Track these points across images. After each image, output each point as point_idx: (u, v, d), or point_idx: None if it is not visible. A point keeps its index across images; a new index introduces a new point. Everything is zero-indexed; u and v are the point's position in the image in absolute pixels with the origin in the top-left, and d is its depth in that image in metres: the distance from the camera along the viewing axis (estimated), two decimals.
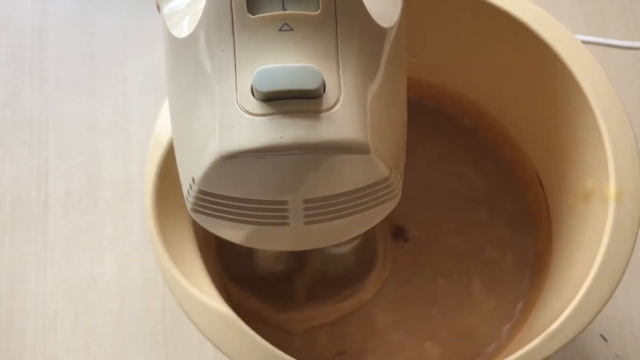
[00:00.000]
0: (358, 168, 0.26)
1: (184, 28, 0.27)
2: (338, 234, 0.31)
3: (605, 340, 0.44)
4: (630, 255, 0.33)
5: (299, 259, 0.43)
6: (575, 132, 0.37)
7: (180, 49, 0.27)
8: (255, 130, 0.24)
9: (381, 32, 0.27)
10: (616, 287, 0.33)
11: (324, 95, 0.25)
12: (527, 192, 0.44)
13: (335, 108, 0.25)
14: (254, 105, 0.25)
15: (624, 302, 0.45)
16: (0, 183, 0.48)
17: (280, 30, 0.25)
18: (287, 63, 0.25)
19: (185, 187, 0.28)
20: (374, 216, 0.29)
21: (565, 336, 0.32)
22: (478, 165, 0.46)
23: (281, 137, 0.24)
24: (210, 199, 0.27)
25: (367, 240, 0.44)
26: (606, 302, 0.33)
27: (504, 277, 0.43)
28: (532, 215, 0.44)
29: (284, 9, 0.25)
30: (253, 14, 0.25)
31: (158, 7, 0.29)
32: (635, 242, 0.33)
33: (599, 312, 0.33)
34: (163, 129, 0.35)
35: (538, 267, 0.43)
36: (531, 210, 0.44)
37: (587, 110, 0.35)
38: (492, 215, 0.45)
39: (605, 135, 0.34)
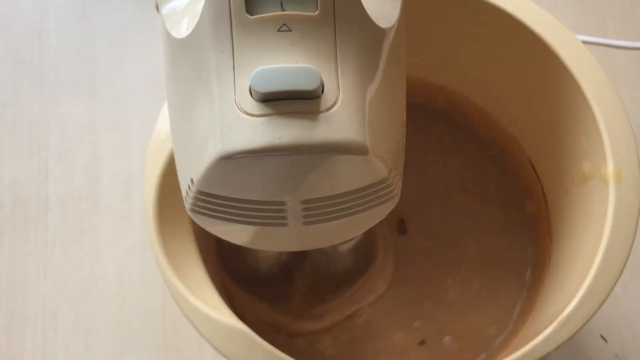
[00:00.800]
0: (356, 169, 0.26)
1: (182, 28, 0.27)
2: (337, 235, 0.31)
3: (605, 340, 0.44)
4: (634, 237, 0.33)
5: (299, 258, 0.43)
6: (568, 117, 0.37)
7: (179, 49, 0.27)
8: (254, 131, 0.24)
9: (380, 32, 0.27)
10: (620, 275, 0.33)
11: (323, 95, 0.25)
12: (524, 185, 0.44)
13: (334, 109, 0.25)
14: (252, 105, 0.25)
15: (624, 302, 0.45)
16: (0, 183, 0.48)
17: (278, 30, 0.25)
18: (286, 64, 0.25)
19: (184, 188, 0.28)
20: (373, 216, 0.29)
21: (573, 325, 0.32)
22: (475, 161, 0.46)
23: (279, 138, 0.24)
24: (208, 200, 0.27)
25: (367, 239, 0.44)
26: (613, 285, 0.33)
27: (504, 274, 0.43)
28: (530, 208, 0.44)
29: (283, 10, 0.25)
30: (251, 15, 0.25)
31: (157, 8, 0.29)
32: (638, 223, 0.33)
33: (604, 300, 0.33)
34: (163, 128, 0.35)
35: (539, 261, 0.43)
36: (529, 202, 0.44)
37: (580, 96, 0.35)
38: (490, 210, 0.45)
39: (600, 118, 0.34)
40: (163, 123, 0.35)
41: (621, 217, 0.33)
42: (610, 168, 0.34)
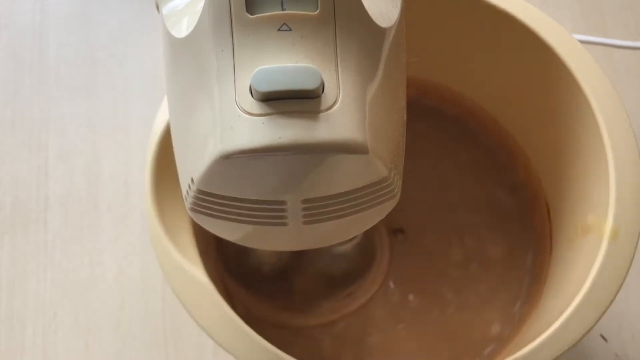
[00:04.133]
0: (357, 168, 0.26)
1: (183, 28, 0.27)
2: (337, 234, 0.31)
3: (605, 340, 0.45)
4: (620, 286, 0.33)
5: (298, 256, 0.43)
6: (570, 121, 0.37)
7: (179, 49, 0.27)
8: (254, 130, 0.24)
9: (380, 32, 0.27)
10: (619, 289, 0.33)
11: (323, 95, 0.25)
12: (528, 194, 0.44)
13: (334, 108, 0.25)
14: (252, 105, 0.25)
15: (624, 301, 0.45)
16: (0, 183, 0.48)
17: (279, 30, 0.25)
18: (286, 63, 0.25)
19: (184, 187, 0.28)
20: (373, 216, 0.29)
21: (565, 342, 0.32)
22: (477, 166, 0.46)
23: (280, 138, 0.24)
24: (209, 199, 0.27)
25: (366, 239, 0.44)
26: (607, 306, 0.33)
27: (502, 277, 0.44)
28: (531, 217, 0.44)
29: (283, 9, 0.25)
30: (252, 14, 0.25)
31: (157, 7, 0.29)
32: (626, 274, 0.33)
33: (600, 316, 0.33)
34: (161, 126, 0.35)
35: (537, 266, 0.43)
36: (531, 212, 0.44)
37: (592, 122, 0.35)
38: (491, 216, 0.45)
39: (600, 120, 0.34)
40: (162, 119, 0.35)
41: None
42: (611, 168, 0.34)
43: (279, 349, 0.32)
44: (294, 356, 0.32)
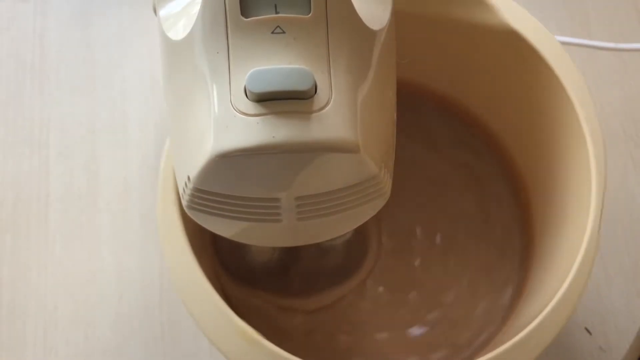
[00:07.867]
0: (348, 167, 0.27)
1: (179, 30, 0.27)
2: (330, 230, 0.31)
3: (590, 333, 0.45)
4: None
5: (293, 251, 0.43)
6: (554, 122, 0.38)
7: (176, 50, 0.27)
8: (249, 130, 0.25)
9: (371, 34, 0.27)
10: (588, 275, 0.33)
11: (315, 96, 0.25)
12: (512, 182, 0.45)
13: (326, 108, 0.26)
14: (247, 105, 0.25)
15: (608, 295, 0.45)
16: (2, 181, 0.48)
17: (272, 32, 0.26)
18: (280, 65, 0.25)
19: (180, 185, 0.28)
20: (365, 213, 0.30)
21: (550, 330, 0.33)
22: (464, 160, 0.46)
23: (273, 137, 0.25)
24: (204, 197, 0.27)
25: (359, 230, 0.44)
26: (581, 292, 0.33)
27: (491, 268, 0.44)
28: (518, 206, 0.44)
29: (277, 12, 0.26)
30: (246, 17, 0.26)
31: (155, 10, 0.29)
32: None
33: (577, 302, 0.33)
34: None
35: (525, 256, 0.43)
36: (517, 201, 0.44)
37: (572, 116, 0.36)
38: (478, 205, 0.45)
39: (583, 122, 0.35)
40: None
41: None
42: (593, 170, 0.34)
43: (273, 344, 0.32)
44: (287, 346, 0.32)
